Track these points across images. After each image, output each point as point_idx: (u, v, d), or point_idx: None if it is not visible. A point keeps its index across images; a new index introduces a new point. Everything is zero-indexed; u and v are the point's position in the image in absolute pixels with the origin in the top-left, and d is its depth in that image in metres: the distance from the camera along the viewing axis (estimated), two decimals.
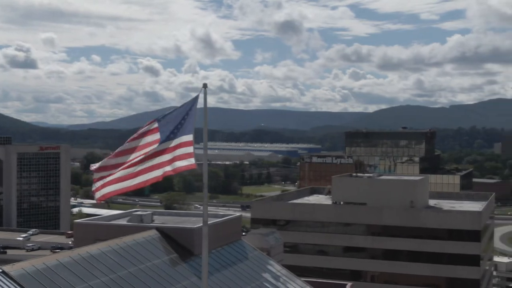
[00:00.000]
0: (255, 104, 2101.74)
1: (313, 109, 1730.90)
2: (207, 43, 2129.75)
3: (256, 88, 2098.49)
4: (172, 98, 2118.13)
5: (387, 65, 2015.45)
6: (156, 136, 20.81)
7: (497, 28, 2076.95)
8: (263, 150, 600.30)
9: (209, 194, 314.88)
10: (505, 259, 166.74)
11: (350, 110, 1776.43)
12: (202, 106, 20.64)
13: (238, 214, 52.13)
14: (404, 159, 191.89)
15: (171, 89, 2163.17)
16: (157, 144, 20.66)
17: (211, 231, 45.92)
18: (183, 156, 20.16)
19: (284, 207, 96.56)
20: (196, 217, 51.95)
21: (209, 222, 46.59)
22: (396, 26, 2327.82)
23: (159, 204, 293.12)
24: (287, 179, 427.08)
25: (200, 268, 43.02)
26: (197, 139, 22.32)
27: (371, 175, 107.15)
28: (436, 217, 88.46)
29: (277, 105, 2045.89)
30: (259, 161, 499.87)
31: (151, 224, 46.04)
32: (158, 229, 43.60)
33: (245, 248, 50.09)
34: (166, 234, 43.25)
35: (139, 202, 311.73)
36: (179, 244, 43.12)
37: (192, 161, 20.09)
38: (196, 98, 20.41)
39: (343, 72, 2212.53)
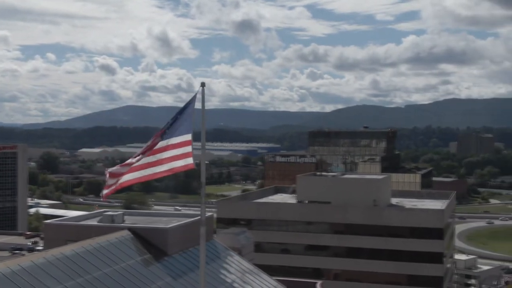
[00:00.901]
0: (213, 103, 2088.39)
1: (271, 109, 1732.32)
2: (164, 42, 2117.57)
3: (214, 87, 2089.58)
4: (128, 97, 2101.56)
5: (344, 65, 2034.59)
6: (158, 138, 20.69)
7: (451, 29, 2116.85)
8: (223, 149, 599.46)
9: (169, 194, 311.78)
10: (463, 257, 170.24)
11: (308, 109, 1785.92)
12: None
13: (209, 214, 51.94)
14: (366, 158, 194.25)
15: (127, 88, 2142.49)
16: (158, 142, 20.53)
17: (183, 231, 46.10)
18: (181, 156, 20.03)
19: (249, 206, 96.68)
20: (167, 217, 51.59)
21: (180, 223, 46.82)
22: (353, 27, 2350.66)
23: (118, 204, 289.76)
24: (247, 178, 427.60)
25: (174, 269, 42.91)
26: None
27: (335, 174, 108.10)
28: (399, 215, 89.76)
29: (235, 104, 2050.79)
30: (218, 160, 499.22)
31: (123, 224, 45.58)
32: (130, 229, 43.18)
33: (217, 247, 50.03)
34: (139, 235, 42.87)
35: (98, 202, 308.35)
36: (152, 245, 42.82)
37: (190, 160, 20.00)
38: (194, 97, 20.28)
39: (301, 72, 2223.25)
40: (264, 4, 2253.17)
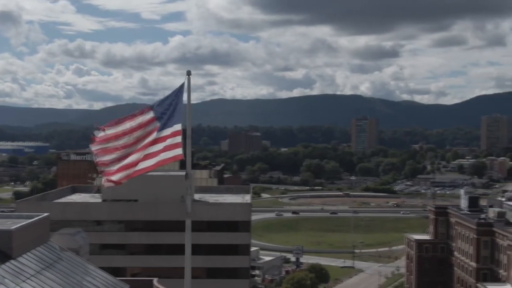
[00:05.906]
0: None
1: (35, 105, 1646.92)
2: None
3: None
4: None
5: (111, 62, 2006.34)
6: (154, 124, 19.63)
7: (215, 31, 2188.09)
8: None
9: None
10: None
11: (75, 107, 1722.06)
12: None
13: (46, 214, 48.96)
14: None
15: None
16: (155, 133, 19.50)
17: (27, 232, 43.19)
18: (172, 146, 19.25)
19: (54, 207, 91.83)
20: (3, 218, 47.80)
21: (23, 223, 43.79)
22: (120, 24, 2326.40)
23: None
24: (18, 179, 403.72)
25: (22, 272, 40.07)
26: None
27: None
28: (209, 210, 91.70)
29: None
30: None
31: None
32: None
33: (56, 248, 47.60)
34: None
35: None
36: None
37: (179, 151, 19.29)
38: (182, 86, 19.55)
39: (66, 68, 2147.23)
40: None
